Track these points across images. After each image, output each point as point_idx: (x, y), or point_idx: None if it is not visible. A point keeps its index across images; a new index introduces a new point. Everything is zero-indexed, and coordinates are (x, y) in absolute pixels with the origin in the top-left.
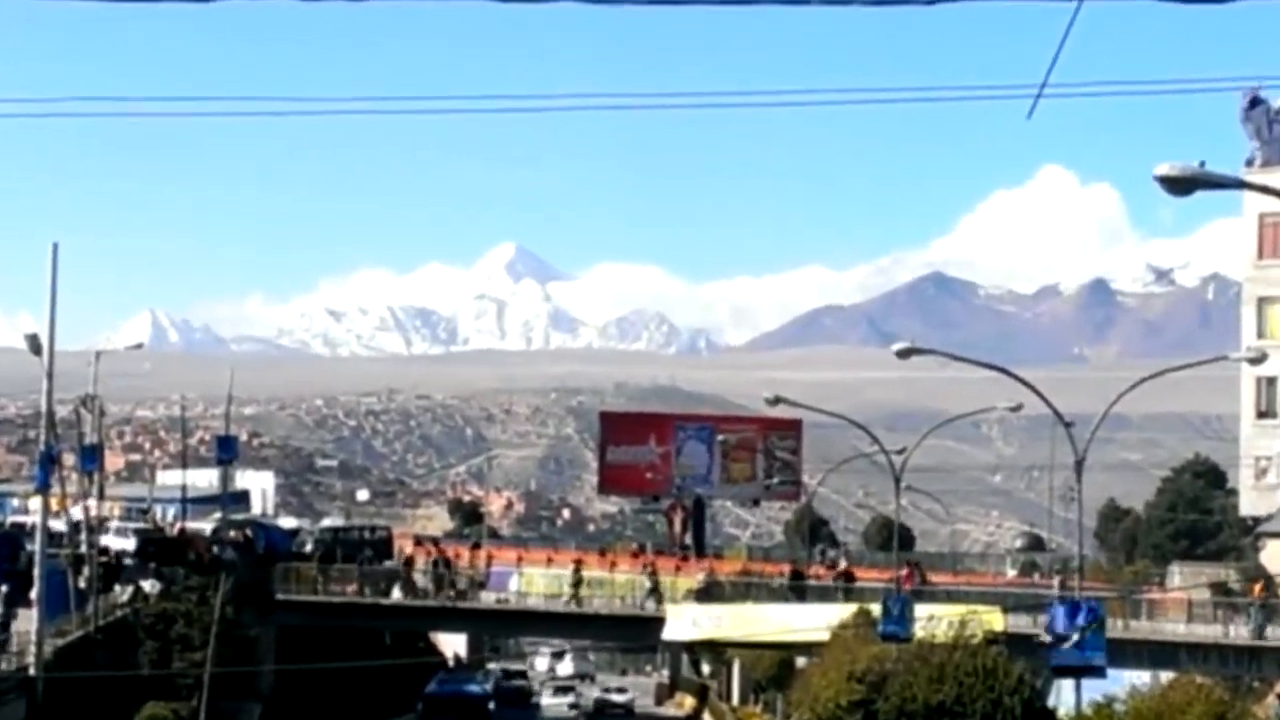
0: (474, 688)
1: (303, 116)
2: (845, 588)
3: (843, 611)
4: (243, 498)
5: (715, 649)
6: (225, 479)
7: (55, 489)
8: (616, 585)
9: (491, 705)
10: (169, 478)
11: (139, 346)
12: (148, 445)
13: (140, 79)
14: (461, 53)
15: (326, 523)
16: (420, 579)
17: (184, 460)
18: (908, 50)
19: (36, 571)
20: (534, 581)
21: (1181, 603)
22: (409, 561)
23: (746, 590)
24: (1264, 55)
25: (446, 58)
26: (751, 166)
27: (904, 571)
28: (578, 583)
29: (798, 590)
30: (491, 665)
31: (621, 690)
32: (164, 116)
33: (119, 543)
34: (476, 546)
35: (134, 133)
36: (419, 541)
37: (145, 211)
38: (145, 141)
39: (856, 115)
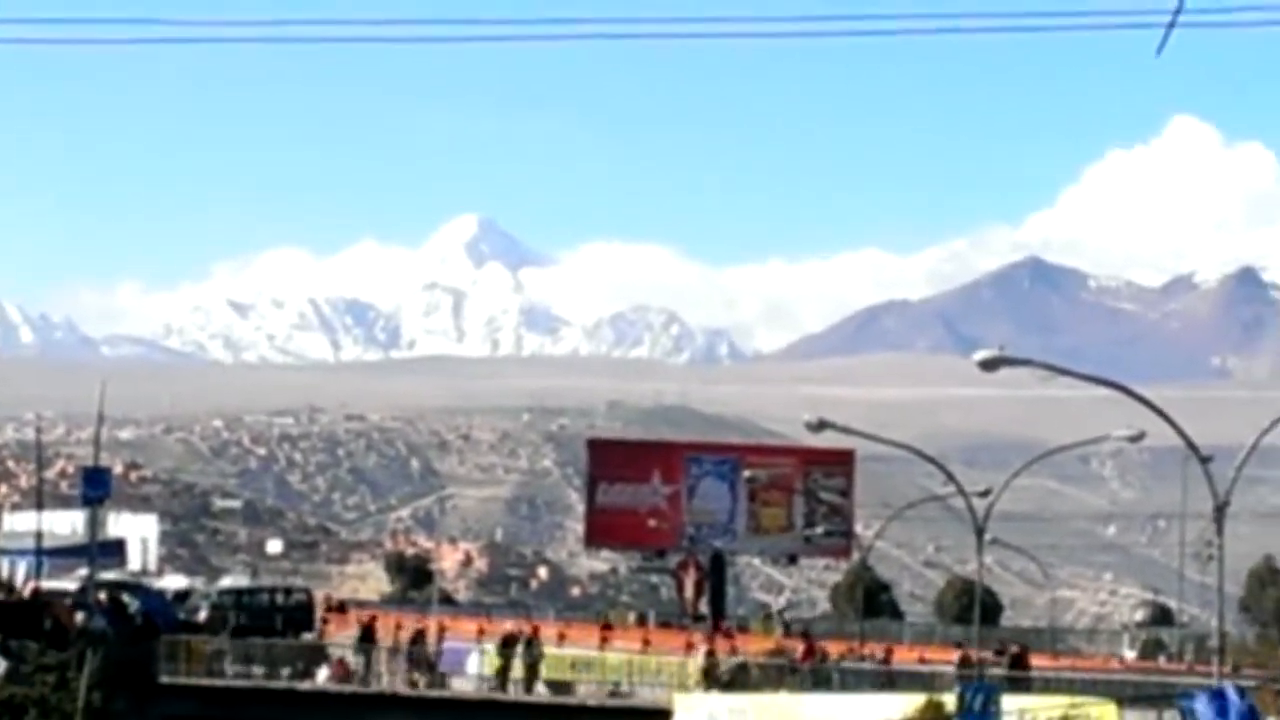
0: None
1: (189, 45)
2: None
3: (907, 704)
4: (117, 549)
5: None
6: (94, 524)
7: None
8: (607, 666)
9: None
10: (19, 521)
11: None
12: None
13: None
14: None
15: (227, 583)
16: (350, 657)
17: (39, 499)
18: None
19: None
20: (498, 661)
21: None
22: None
23: (780, 675)
24: None
25: None
26: (789, 117)
27: (802, 647)
28: (534, 662)
29: (1019, 681)
30: None
31: None
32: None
33: None
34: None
35: None
36: (337, 607)
37: None
38: None
39: (927, 50)
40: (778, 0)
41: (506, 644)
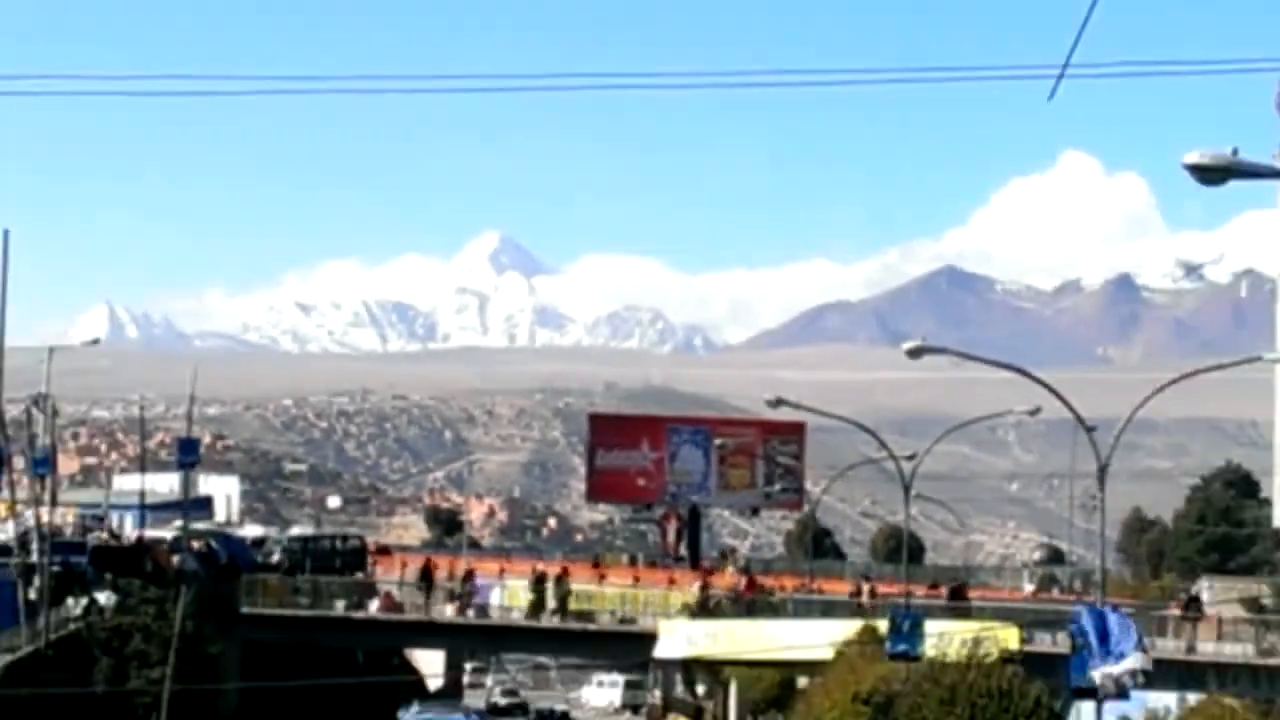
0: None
1: (266, 96)
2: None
3: (848, 628)
4: (205, 504)
5: (711, 668)
6: (187, 484)
7: (4, 494)
8: (606, 599)
9: None
10: (126, 482)
11: (95, 342)
12: (104, 448)
13: (98, 56)
14: (440, 27)
15: (295, 531)
16: (395, 591)
17: (143, 464)
18: (919, 27)
19: None
20: (517, 595)
21: (1211, 620)
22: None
23: (748, 606)
24: None
25: (424, 32)
26: (751, 152)
27: (744, 581)
28: (564, 596)
29: (960, 609)
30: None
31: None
32: (121, 96)
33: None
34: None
35: (90, 115)
36: (381, 550)
37: (102, 198)
38: (102, 124)
39: (863, 97)
40: (749, 55)
41: (539, 581)
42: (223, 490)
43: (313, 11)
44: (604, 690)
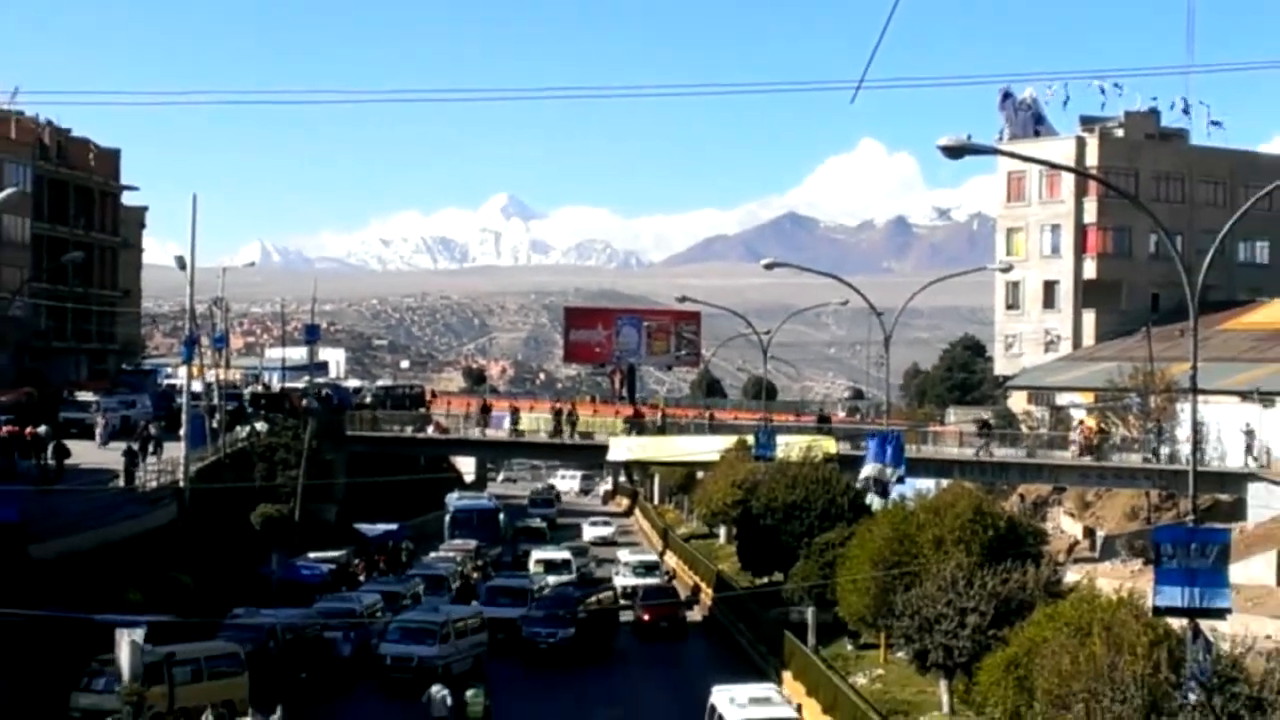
0: (487, 502)
1: (359, 104)
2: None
3: (728, 441)
4: (323, 366)
5: (642, 466)
6: (311, 354)
7: (196, 361)
8: (578, 422)
9: (501, 516)
10: (273, 353)
11: (252, 264)
12: (259, 331)
13: (266, 74)
14: (475, 56)
15: (380, 383)
16: (443, 420)
17: (283, 341)
18: (775, 54)
19: (184, 416)
20: (520, 422)
21: (955, 433)
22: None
23: (664, 426)
24: (1013, 62)
25: (463, 61)
26: (667, 138)
27: (633, 411)
28: (574, 422)
29: (824, 430)
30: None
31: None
32: (268, 105)
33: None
34: (435, 396)
35: (248, 118)
36: (433, 395)
37: (257, 172)
38: (255, 125)
39: (741, 101)
40: (671, 72)
41: (557, 414)
42: (334, 357)
43: (395, 46)
44: (566, 481)
